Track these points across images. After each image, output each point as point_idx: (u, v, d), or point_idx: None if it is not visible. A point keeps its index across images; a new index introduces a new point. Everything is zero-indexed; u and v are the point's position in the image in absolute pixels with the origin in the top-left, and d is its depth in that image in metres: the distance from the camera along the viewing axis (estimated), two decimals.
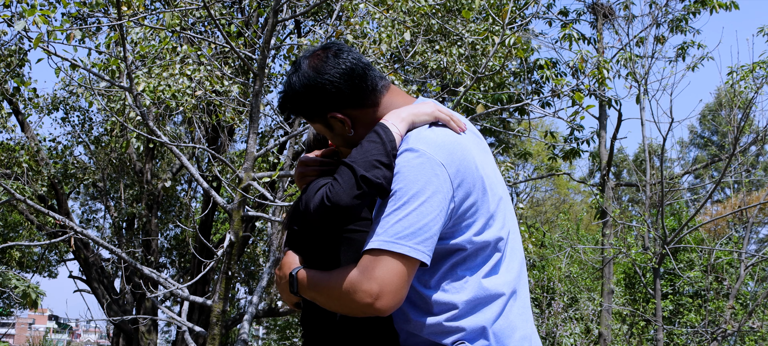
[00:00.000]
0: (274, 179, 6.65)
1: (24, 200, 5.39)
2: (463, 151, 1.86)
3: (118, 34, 5.98)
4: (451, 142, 1.85)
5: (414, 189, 1.76)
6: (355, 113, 1.97)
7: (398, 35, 6.70)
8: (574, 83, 6.50)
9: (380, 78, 2.01)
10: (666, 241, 9.56)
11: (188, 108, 6.65)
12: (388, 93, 2.01)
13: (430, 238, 1.76)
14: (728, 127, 10.81)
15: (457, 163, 1.83)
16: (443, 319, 1.82)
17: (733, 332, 10.42)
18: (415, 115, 1.91)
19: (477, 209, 1.85)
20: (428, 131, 1.87)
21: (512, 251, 1.97)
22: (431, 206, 1.76)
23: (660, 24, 12.49)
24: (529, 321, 1.95)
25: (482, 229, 1.86)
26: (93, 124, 14.19)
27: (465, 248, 1.84)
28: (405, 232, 1.73)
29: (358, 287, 1.73)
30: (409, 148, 1.82)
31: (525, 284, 2.00)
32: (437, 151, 1.81)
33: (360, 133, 1.98)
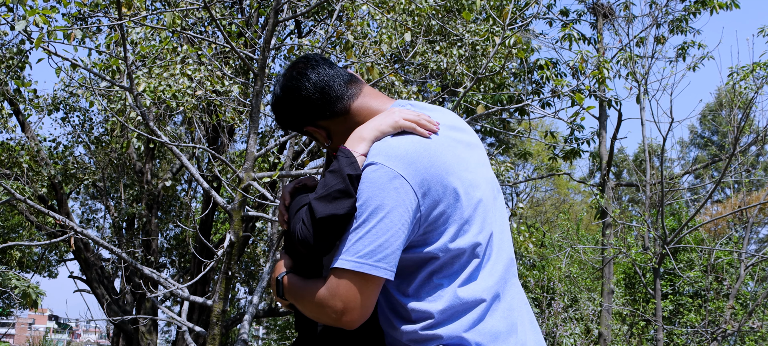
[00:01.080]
0: (274, 178, 6.65)
1: (24, 200, 5.39)
2: (430, 158, 1.85)
3: (118, 34, 5.99)
4: (414, 151, 1.84)
5: (373, 205, 1.77)
6: (326, 123, 2.03)
7: (399, 36, 6.71)
8: (575, 84, 6.50)
9: (348, 83, 2.03)
10: (666, 241, 9.57)
11: (188, 108, 6.66)
12: (361, 96, 2.03)
13: (391, 253, 1.78)
14: (728, 127, 10.82)
15: (422, 172, 1.82)
16: (419, 327, 1.84)
17: (733, 332, 10.43)
18: (379, 130, 1.92)
19: (448, 216, 1.85)
20: (391, 141, 1.88)
21: (498, 252, 1.95)
22: (391, 221, 1.77)
23: (660, 24, 12.50)
24: (515, 321, 1.93)
25: (455, 236, 1.85)
26: (93, 124, 14.20)
27: (438, 256, 1.84)
28: (365, 250, 1.76)
29: (324, 303, 1.79)
30: (369, 162, 1.84)
31: (513, 284, 1.99)
32: (397, 163, 1.81)
33: (338, 141, 2.03)
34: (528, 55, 8.89)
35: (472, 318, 1.85)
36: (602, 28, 13.61)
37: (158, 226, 15.97)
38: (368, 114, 2.01)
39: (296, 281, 1.90)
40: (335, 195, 1.79)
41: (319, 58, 2.07)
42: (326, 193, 1.80)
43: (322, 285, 1.82)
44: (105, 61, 6.74)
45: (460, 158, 1.92)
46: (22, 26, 4.34)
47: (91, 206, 20.34)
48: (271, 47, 6.13)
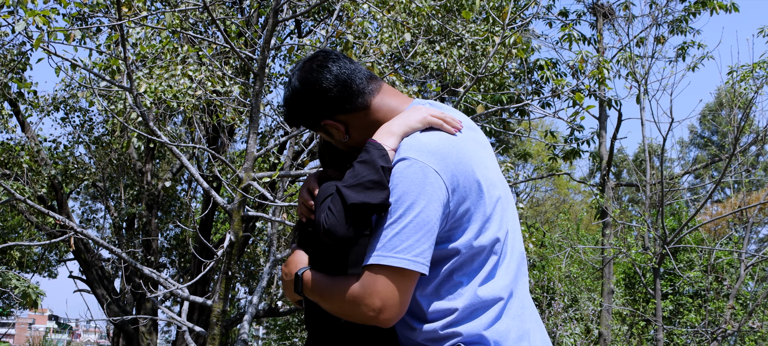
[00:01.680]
0: (274, 179, 6.65)
1: (24, 200, 5.39)
2: (458, 155, 1.85)
3: (118, 34, 5.99)
4: (444, 147, 1.84)
5: (409, 200, 1.76)
6: (345, 118, 1.99)
7: (398, 36, 6.71)
8: (574, 84, 6.50)
9: (369, 79, 2.01)
10: (666, 241, 9.56)
11: (189, 108, 6.66)
12: (380, 93, 2.01)
13: (428, 249, 1.77)
14: (728, 127, 10.82)
15: (452, 167, 1.82)
16: (439, 326, 1.83)
17: (733, 332, 10.43)
18: (407, 125, 1.90)
19: (472, 213, 1.85)
20: (421, 137, 1.87)
21: (511, 250, 1.96)
22: (427, 216, 1.76)
23: (660, 24, 12.50)
24: (526, 319, 1.94)
25: (478, 233, 1.85)
26: (93, 124, 14.20)
27: (460, 253, 1.84)
28: (402, 245, 1.74)
29: (360, 301, 1.76)
30: (402, 157, 1.82)
31: (524, 282, 2.00)
32: (430, 158, 1.80)
33: (355, 137, 1.99)
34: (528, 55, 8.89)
35: (490, 316, 1.85)
36: (602, 28, 13.61)
37: (158, 226, 15.97)
38: (388, 111, 1.99)
39: (321, 278, 1.86)
40: (368, 185, 1.76)
41: (338, 53, 2.04)
42: (358, 182, 1.76)
43: (354, 282, 1.78)
44: (105, 62, 6.74)
45: (480, 156, 1.93)
46: (22, 27, 4.34)
47: (91, 206, 20.34)
48: (271, 47, 6.13)
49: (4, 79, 10.19)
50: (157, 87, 6.13)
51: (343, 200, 1.76)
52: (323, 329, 1.94)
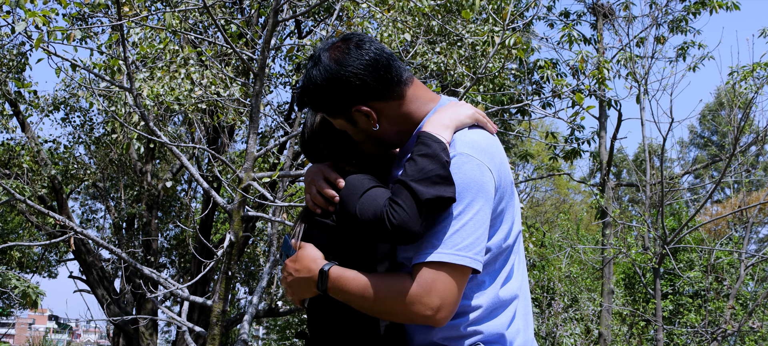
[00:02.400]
0: (274, 178, 6.65)
1: (24, 201, 5.39)
2: (501, 155, 1.84)
3: (117, 34, 5.99)
4: (492, 146, 1.82)
5: (469, 197, 1.72)
6: (380, 106, 1.88)
7: (398, 36, 6.71)
8: (575, 84, 6.50)
9: (405, 69, 1.92)
10: (666, 241, 9.56)
11: (189, 109, 6.66)
12: (413, 86, 1.92)
13: (484, 247, 1.74)
14: (728, 127, 10.82)
15: (498, 166, 1.80)
16: (461, 324, 1.80)
17: (733, 333, 10.42)
18: (458, 120, 1.84)
19: (505, 213, 1.84)
20: (472, 134, 1.82)
21: (522, 251, 1.97)
22: (485, 214, 1.74)
23: (660, 24, 12.50)
24: (530, 319, 1.95)
25: (508, 233, 1.85)
26: (94, 124, 14.20)
27: (491, 251, 1.82)
28: (463, 243, 1.70)
29: (417, 299, 1.69)
30: (459, 152, 1.77)
31: (526, 280, 2.00)
32: (484, 156, 1.77)
33: (385, 127, 1.90)
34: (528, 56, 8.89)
35: (509, 315, 1.84)
36: (602, 28, 13.61)
37: (158, 226, 15.96)
38: (422, 103, 1.91)
39: (356, 275, 1.77)
40: (436, 179, 1.70)
41: (371, 36, 1.94)
42: (425, 176, 1.70)
43: (403, 281, 1.72)
44: (105, 62, 6.74)
45: (506, 157, 1.92)
46: (22, 27, 4.34)
47: (91, 206, 20.34)
48: (271, 47, 6.13)
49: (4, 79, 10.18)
50: (159, 91, 6.13)
51: (414, 195, 1.69)
52: (328, 332, 1.89)
